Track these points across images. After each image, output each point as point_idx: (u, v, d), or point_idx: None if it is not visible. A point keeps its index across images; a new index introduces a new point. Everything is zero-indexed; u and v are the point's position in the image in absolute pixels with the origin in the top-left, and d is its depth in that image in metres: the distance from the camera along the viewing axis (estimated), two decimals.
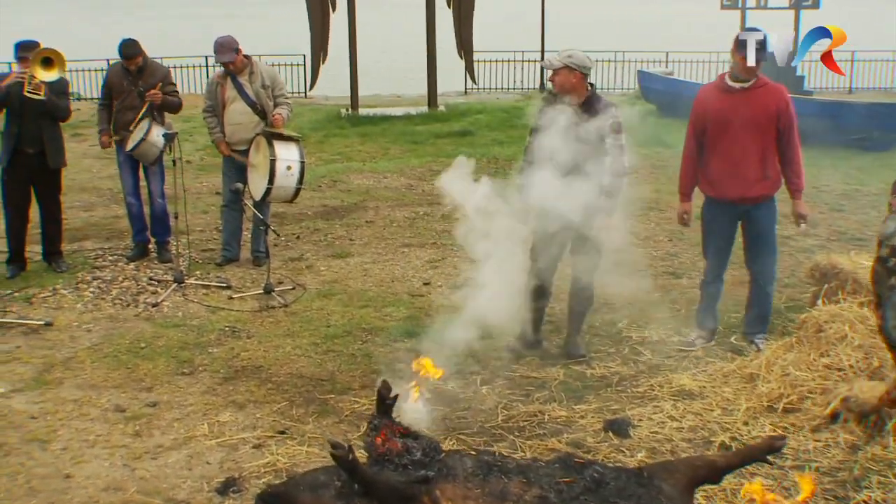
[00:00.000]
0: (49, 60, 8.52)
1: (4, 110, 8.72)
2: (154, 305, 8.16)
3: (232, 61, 8.91)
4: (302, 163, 8.80)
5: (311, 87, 18.86)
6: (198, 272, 9.05)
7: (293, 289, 8.63)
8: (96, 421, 6.09)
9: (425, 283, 8.74)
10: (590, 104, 6.72)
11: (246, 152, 9.01)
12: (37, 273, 9.15)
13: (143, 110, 9.02)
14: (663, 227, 10.71)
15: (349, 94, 18.58)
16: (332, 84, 21.67)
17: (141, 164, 9.30)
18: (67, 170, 9.54)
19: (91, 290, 8.60)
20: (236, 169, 9.13)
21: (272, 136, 8.75)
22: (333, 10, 18.05)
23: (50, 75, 8.56)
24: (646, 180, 13.07)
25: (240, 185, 8.69)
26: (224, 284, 8.69)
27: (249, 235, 9.64)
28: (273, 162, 8.55)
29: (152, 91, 8.99)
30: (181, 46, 24.61)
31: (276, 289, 8.42)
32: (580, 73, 6.68)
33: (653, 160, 14.42)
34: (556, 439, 5.83)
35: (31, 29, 32.13)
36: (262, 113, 8.99)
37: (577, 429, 5.98)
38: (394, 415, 4.86)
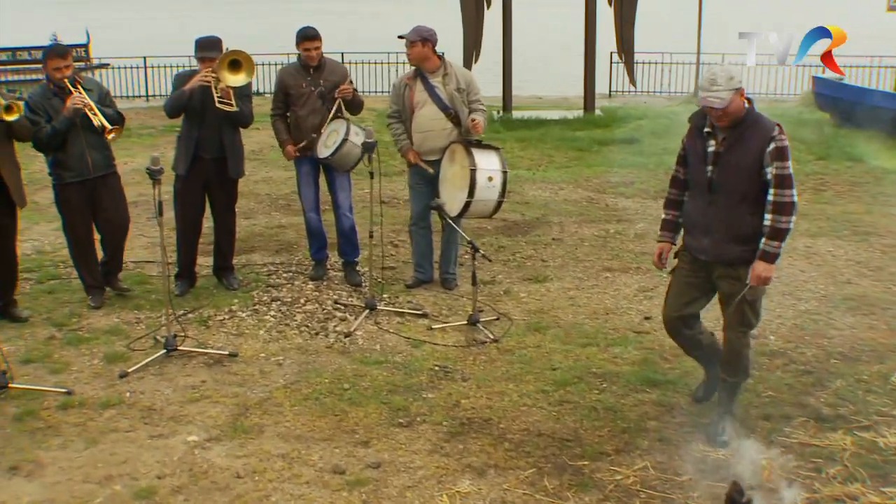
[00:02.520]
0: (237, 63, 7.67)
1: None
2: (347, 335, 7.21)
3: (411, 42, 7.88)
4: (504, 173, 7.78)
5: None
6: (385, 296, 8.07)
7: (497, 319, 7.60)
8: (313, 485, 5.14)
9: (646, 318, 7.62)
10: (747, 123, 5.33)
11: (436, 163, 8.01)
12: (206, 290, 8.31)
13: (335, 109, 8.10)
14: (892, 255, 9.41)
15: (499, 96, 17.47)
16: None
17: (324, 176, 8.38)
18: None
19: (272, 313, 7.70)
20: (426, 182, 8.13)
21: (469, 145, 7.75)
22: (488, 6, 17.01)
23: (237, 80, 7.72)
24: (847, 199, 11.78)
25: (440, 202, 7.67)
26: (420, 312, 7.71)
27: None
28: (473, 172, 7.55)
29: (343, 86, 8.07)
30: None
31: (480, 320, 7.41)
32: (742, 88, 5.29)
33: (847, 176, 13.08)
34: None
35: (106, 24, 31.74)
36: (455, 119, 7.97)
37: None
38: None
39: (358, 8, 67.49)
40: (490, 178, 7.64)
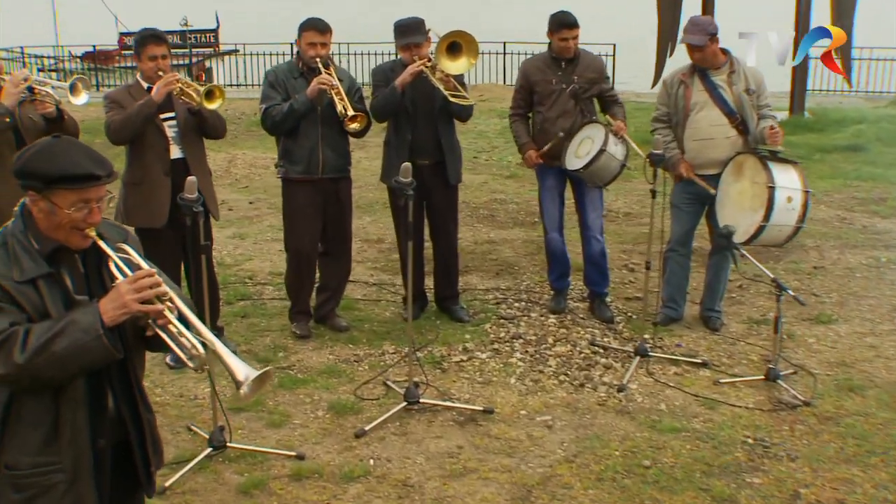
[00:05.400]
0: (456, 46, 6.46)
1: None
2: (620, 390, 5.90)
3: (700, 46, 6.51)
4: (806, 192, 6.39)
5: (654, 83, 16.18)
6: (647, 336, 6.70)
7: (794, 373, 6.19)
8: None
9: None
10: None
11: (712, 179, 6.63)
12: (429, 321, 7.13)
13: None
14: None
15: None
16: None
17: (571, 190, 7.11)
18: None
19: (517, 355, 6.45)
20: (695, 201, 6.78)
21: (763, 157, 6.38)
22: None
23: (458, 66, 6.55)
24: None
25: (731, 227, 6.27)
26: (698, 360, 6.35)
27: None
28: (771, 190, 6.17)
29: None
30: None
31: (781, 374, 6.02)
32: None
33: None
34: None
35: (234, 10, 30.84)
36: (742, 126, 6.58)
37: None
38: None
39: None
40: (789, 199, 6.28)
